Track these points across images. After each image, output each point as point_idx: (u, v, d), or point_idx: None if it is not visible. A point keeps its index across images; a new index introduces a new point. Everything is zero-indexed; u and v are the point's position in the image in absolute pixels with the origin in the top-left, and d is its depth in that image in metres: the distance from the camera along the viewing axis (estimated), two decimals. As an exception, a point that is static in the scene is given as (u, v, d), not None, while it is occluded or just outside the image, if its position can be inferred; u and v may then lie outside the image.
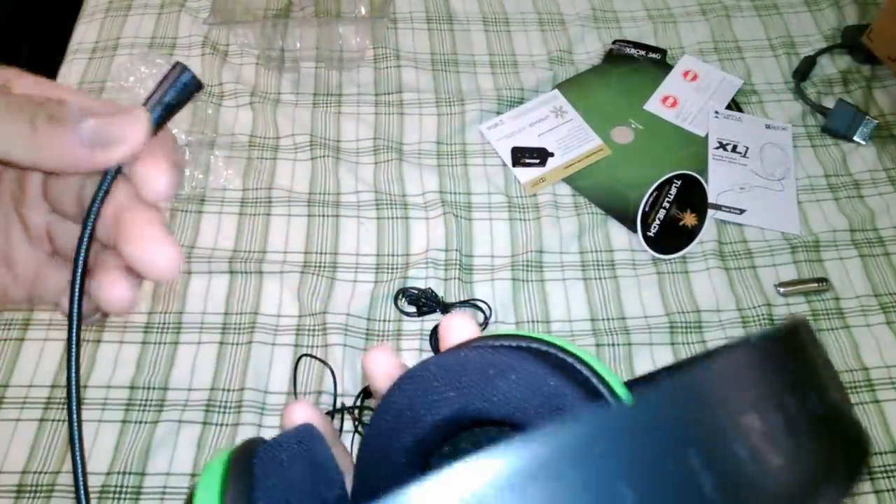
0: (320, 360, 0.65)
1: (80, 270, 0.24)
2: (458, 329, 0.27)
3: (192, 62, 0.84)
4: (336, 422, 0.62)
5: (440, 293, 0.69)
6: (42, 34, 1.19)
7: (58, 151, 0.23)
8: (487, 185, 0.78)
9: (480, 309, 0.69)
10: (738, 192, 0.78)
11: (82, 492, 0.22)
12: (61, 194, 0.27)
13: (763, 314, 0.70)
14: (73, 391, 0.23)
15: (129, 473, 0.59)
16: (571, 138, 0.81)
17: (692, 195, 0.77)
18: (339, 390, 0.63)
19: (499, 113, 0.83)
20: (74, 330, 0.24)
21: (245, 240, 0.73)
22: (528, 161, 0.79)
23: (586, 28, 0.91)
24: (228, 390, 0.64)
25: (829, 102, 0.84)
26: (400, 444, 0.23)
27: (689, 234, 0.75)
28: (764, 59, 0.90)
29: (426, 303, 0.68)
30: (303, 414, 0.27)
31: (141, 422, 0.62)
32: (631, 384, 0.25)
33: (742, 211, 0.76)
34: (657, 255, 0.73)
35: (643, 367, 0.67)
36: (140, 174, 0.24)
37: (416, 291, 0.68)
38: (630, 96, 0.86)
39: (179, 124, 0.77)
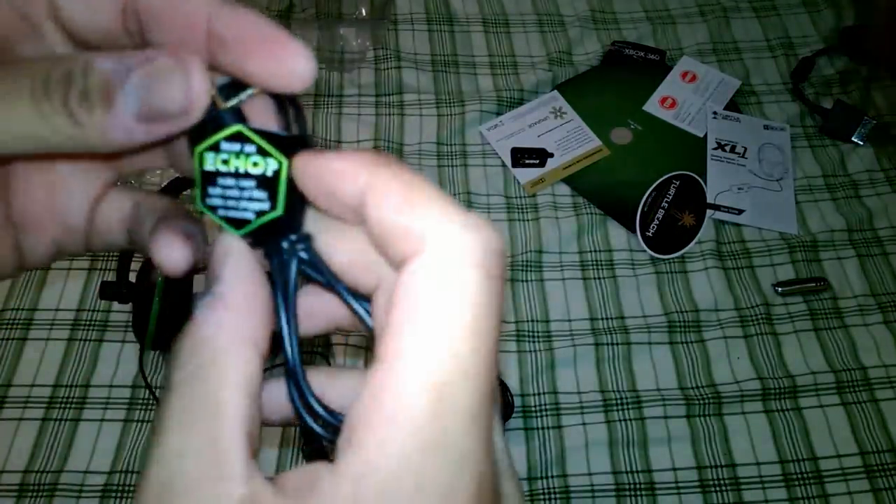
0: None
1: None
2: None
3: (193, 63, 0.85)
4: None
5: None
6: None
7: (108, 139, 0.19)
8: (487, 186, 0.78)
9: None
10: (736, 192, 0.78)
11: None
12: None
13: (761, 314, 0.70)
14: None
15: (132, 472, 0.60)
16: (571, 139, 0.82)
17: (691, 195, 0.78)
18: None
19: (498, 114, 0.83)
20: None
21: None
22: (527, 162, 0.79)
23: (585, 29, 0.92)
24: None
25: (828, 103, 0.84)
26: None
27: (688, 235, 0.75)
28: (762, 60, 0.90)
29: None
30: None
31: (143, 421, 0.62)
32: None
33: (740, 211, 0.77)
34: (656, 255, 0.74)
35: (643, 366, 0.67)
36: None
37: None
38: (629, 97, 0.86)
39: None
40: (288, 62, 0.19)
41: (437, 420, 0.16)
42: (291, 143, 0.20)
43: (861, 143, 0.82)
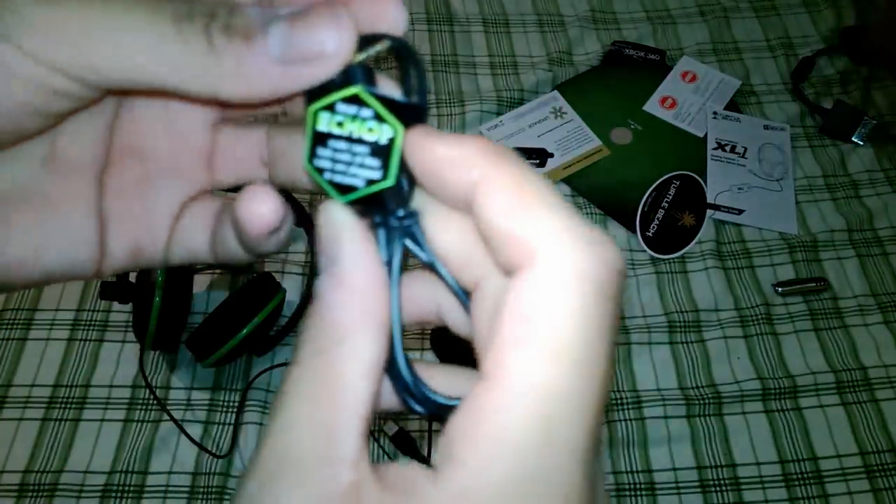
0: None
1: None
2: None
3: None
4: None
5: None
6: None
7: (243, 77, 0.18)
8: (487, 186, 0.78)
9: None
10: (736, 192, 0.78)
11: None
12: (235, 155, 0.23)
13: (761, 314, 0.70)
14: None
15: (132, 472, 0.60)
16: (571, 139, 0.82)
17: (691, 195, 0.78)
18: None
19: (499, 114, 0.83)
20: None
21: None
22: (527, 162, 0.79)
23: (586, 29, 0.92)
24: (230, 390, 0.64)
25: (828, 103, 0.84)
26: None
27: (688, 235, 0.75)
28: (762, 60, 0.90)
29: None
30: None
31: (143, 421, 0.62)
32: None
33: (740, 211, 0.77)
34: (656, 254, 0.74)
35: (643, 366, 0.67)
36: None
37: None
38: (629, 97, 0.86)
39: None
40: (383, 7, 0.19)
41: (544, 454, 0.16)
42: (409, 111, 0.19)
43: (861, 143, 0.82)
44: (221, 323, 0.60)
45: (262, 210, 0.20)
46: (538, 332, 0.16)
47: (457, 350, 0.62)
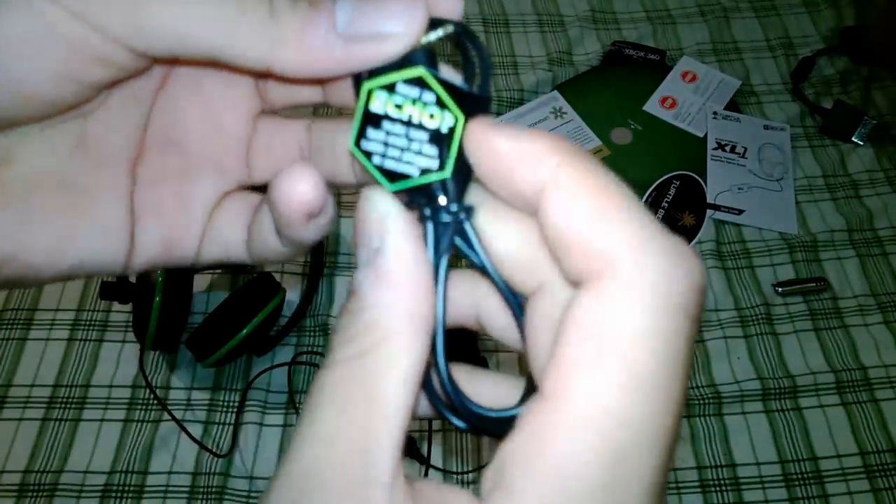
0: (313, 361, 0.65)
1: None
2: None
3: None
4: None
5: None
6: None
7: (303, 47, 0.17)
8: (487, 186, 0.78)
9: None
10: (736, 192, 0.78)
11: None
12: (274, 148, 0.21)
13: (761, 314, 0.70)
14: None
15: (132, 472, 0.60)
16: (571, 139, 0.82)
17: (691, 195, 0.78)
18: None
19: (498, 114, 0.83)
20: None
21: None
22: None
23: (585, 29, 0.92)
24: (231, 390, 0.64)
25: (828, 103, 0.84)
26: None
27: (688, 235, 0.75)
28: (762, 60, 0.90)
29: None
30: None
31: (143, 421, 0.62)
32: None
33: (740, 211, 0.77)
34: (656, 255, 0.74)
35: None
36: None
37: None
38: (629, 97, 0.86)
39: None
40: None
41: (613, 490, 0.14)
42: (472, 101, 0.18)
43: (861, 143, 0.82)
44: (221, 323, 0.60)
45: (303, 188, 0.18)
46: (610, 352, 0.14)
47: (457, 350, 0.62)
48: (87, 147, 0.20)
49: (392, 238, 0.17)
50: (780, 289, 0.72)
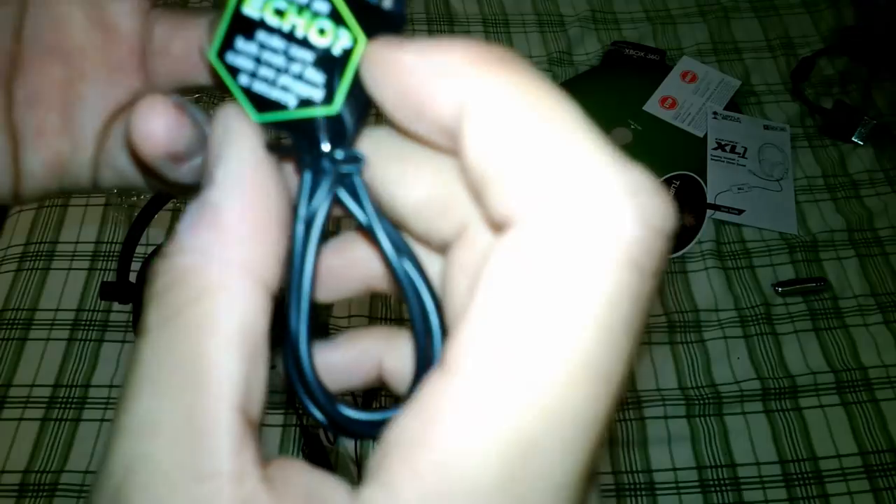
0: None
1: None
2: None
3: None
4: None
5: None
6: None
7: None
8: (487, 186, 0.78)
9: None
10: (736, 192, 0.78)
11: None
12: (172, 50, 0.19)
13: (761, 314, 0.70)
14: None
15: (131, 472, 0.59)
16: (571, 139, 0.81)
17: (691, 196, 0.78)
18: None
19: (498, 114, 0.83)
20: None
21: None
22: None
23: (585, 29, 0.92)
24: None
25: (828, 103, 0.84)
26: None
27: (688, 235, 0.75)
28: (762, 61, 0.90)
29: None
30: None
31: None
32: None
33: (740, 211, 0.77)
34: (656, 255, 0.74)
35: (643, 366, 0.67)
36: None
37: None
38: (629, 97, 0.86)
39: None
40: None
41: (515, 489, 0.11)
42: (379, 17, 0.14)
43: (861, 143, 0.82)
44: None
45: (154, 128, 0.15)
46: (528, 317, 0.11)
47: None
48: None
49: (228, 164, 0.14)
50: (780, 289, 0.72)
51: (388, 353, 0.17)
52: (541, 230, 0.11)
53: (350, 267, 0.17)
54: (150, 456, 0.12)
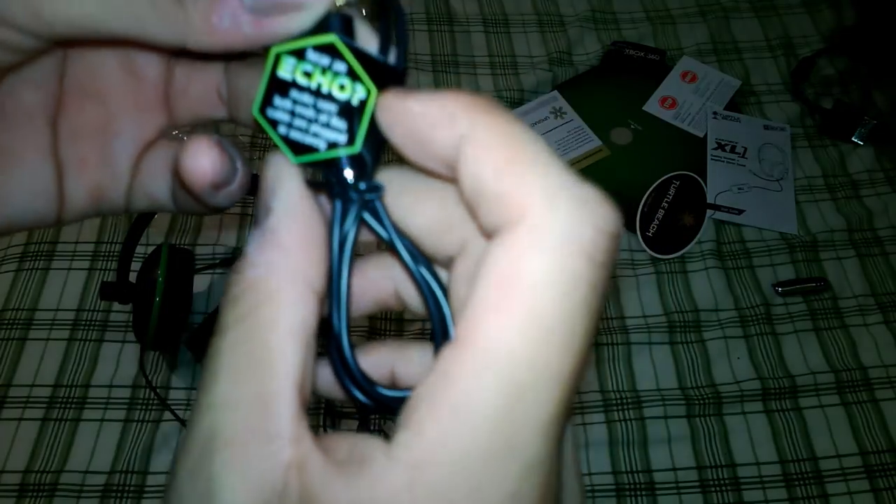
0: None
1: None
2: None
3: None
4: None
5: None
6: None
7: (212, 29, 0.17)
8: (487, 186, 0.78)
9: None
10: (736, 192, 0.78)
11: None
12: (191, 92, 0.22)
13: (761, 314, 0.70)
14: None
15: (132, 472, 0.60)
16: (571, 139, 0.82)
17: (691, 195, 0.78)
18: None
19: (498, 114, 0.83)
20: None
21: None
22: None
23: (585, 29, 0.92)
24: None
25: (828, 103, 0.84)
26: None
27: (688, 235, 0.75)
28: (762, 60, 0.90)
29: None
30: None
31: (143, 421, 0.62)
32: None
33: (740, 211, 0.77)
34: (656, 255, 0.74)
35: (643, 366, 0.67)
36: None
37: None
38: (629, 97, 0.86)
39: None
40: None
41: (510, 424, 0.15)
42: (387, 73, 0.17)
43: (861, 143, 0.82)
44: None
45: (203, 163, 0.19)
46: (516, 296, 0.15)
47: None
48: (4, 111, 0.20)
49: (281, 198, 0.17)
50: (780, 289, 0.72)
51: (400, 360, 0.21)
52: (521, 234, 0.15)
53: (365, 287, 0.21)
54: (231, 423, 0.16)
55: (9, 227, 0.21)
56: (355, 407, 0.18)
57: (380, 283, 0.21)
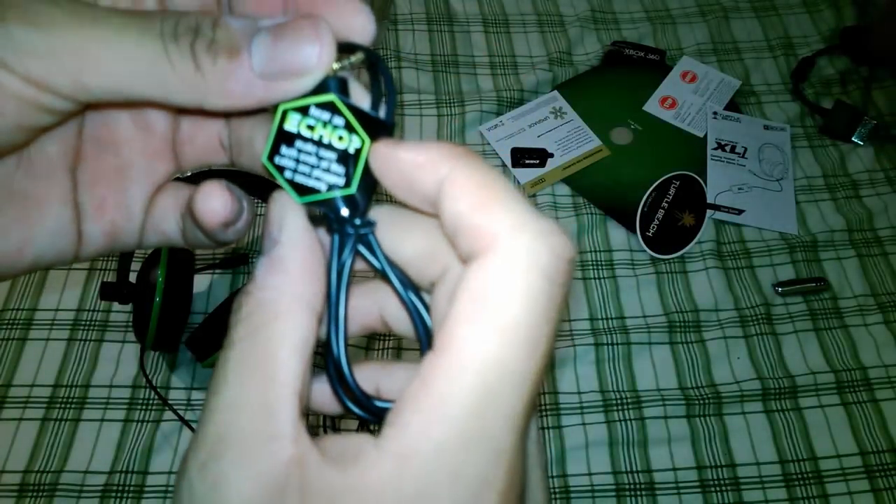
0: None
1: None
2: None
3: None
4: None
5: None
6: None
7: (227, 93, 0.19)
8: (487, 186, 0.78)
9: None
10: (736, 192, 0.78)
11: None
12: (197, 141, 0.24)
13: (761, 314, 0.70)
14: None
15: (132, 472, 0.60)
16: (571, 139, 0.82)
17: (691, 195, 0.78)
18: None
19: (499, 114, 0.83)
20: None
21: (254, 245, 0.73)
22: (527, 162, 0.79)
23: (585, 29, 0.92)
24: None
25: (828, 103, 0.84)
26: None
27: (688, 235, 0.75)
28: (762, 60, 0.90)
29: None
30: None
31: (143, 421, 0.62)
32: None
33: (740, 211, 0.77)
34: (656, 255, 0.74)
35: (643, 366, 0.67)
36: None
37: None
38: (629, 97, 0.86)
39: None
40: (351, 18, 0.20)
41: (482, 417, 0.17)
42: (378, 126, 0.20)
43: (861, 143, 0.82)
44: (221, 323, 0.60)
45: (215, 206, 0.22)
46: (488, 310, 0.17)
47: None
48: (29, 161, 0.22)
49: (287, 231, 0.20)
50: (780, 289, 0.72)
51: (384, 378, 0.23)
52: (491, 259, 0.18)
53: (353, 314, 0.23)
54: (237, 424, 0.18)
55: (34, 265, 0.23)
56: (356, 419, 0.20)
57: (366, 309, 0.24)
